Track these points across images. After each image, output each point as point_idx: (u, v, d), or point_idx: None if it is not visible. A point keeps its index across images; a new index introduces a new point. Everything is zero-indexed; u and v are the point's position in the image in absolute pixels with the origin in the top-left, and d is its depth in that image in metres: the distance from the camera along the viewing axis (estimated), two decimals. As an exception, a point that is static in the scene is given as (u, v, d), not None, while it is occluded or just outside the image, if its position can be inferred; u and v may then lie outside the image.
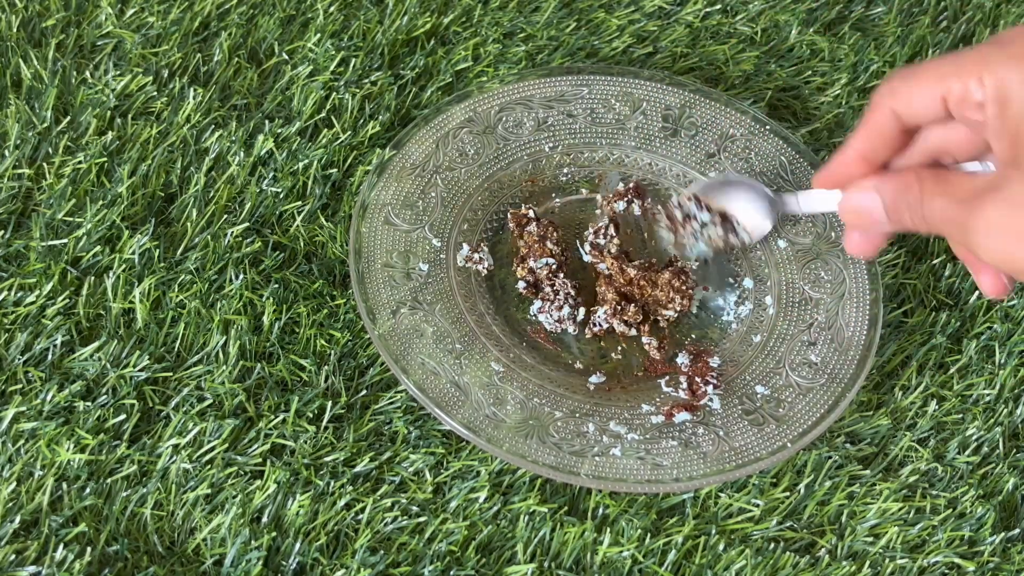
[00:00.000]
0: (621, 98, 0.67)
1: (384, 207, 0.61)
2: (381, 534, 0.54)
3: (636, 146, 0.66)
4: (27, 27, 0.69)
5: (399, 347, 0.57)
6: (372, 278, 0.59)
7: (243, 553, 0.52)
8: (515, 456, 0.54)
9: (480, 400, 0.56)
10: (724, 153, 0.66)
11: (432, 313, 0.58)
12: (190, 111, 0.65)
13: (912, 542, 0.56)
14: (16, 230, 0.61)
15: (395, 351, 0.56)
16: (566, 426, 0.56)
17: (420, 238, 0.61)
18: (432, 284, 0.60)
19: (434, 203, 0.62)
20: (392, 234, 0.61)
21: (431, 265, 0.60)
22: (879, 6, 0.76)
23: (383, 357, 0.57)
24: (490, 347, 0.58)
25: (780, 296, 0.61)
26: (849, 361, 0.58)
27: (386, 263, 0.59)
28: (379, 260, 0.59)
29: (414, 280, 0.59)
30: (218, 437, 0.55)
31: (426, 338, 0.57)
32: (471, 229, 0.62)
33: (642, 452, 0.55)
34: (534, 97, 0.67)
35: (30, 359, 0.57)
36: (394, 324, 0.57)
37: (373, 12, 0.72)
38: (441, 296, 0.59)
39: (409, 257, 0.60)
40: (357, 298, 0.58)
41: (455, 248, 0.61)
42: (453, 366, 0.57)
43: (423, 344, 0.57)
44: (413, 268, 0.60)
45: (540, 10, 0.73)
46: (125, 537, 0.52)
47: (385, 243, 0.60)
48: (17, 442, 0.54)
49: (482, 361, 0.57)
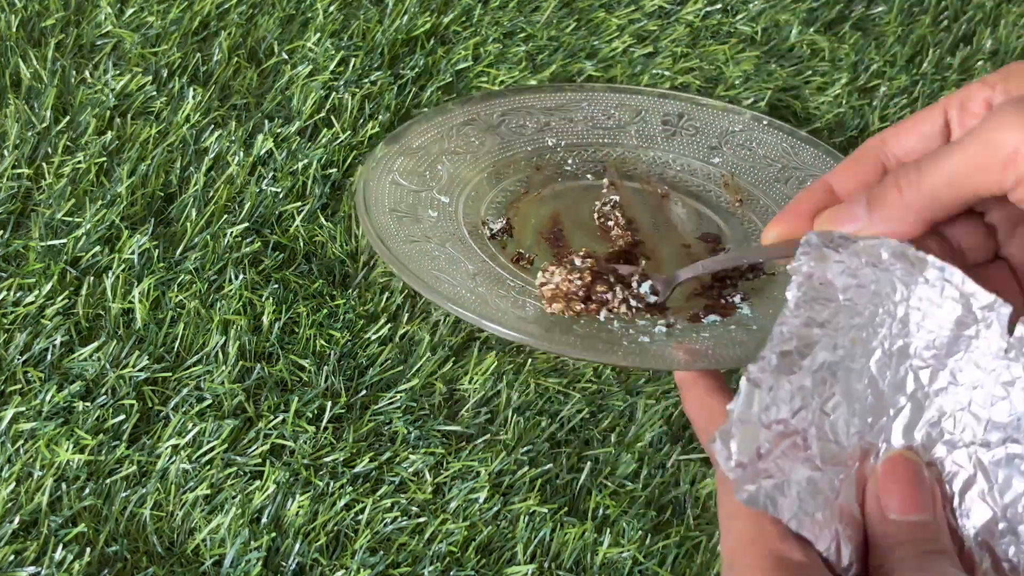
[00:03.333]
0: (620, 108, 0.67)
1: (391, 172, 0.61)
2: (381, 534, 0.54)
3: (637, 144, 0.66)
4: (26, 27, 0.69)
5: (415, 265, 0.54)
6: (380, 217, 0.57)
7: (243, 554, 0.52)
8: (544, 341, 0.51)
9: (499, 305, 0.53)
10: (726, 146, 0.66)
11: (443, 246, 0.57)
12: (189, 111, 0.65)
13: (913, 542, 0.56)
14: (15, 230, 0.61)
15: (412, 267, 0.54)
16: (590, 324, 0.53)
17: (428, 198, 0.61)
18: (441, 226, 0.59)
19: (441, 174, 0.62)
20: (399, 191, 0.60)
21: (440, 213, 0.60)
22: (880, 5, 0.76)
23: (397, 273, 0.54)
24: (505, 275, 0.57)
25: None
26: None
27: (393, 208, 0.59)
28: (386, 206, 0.59)
29: (424, 223, 0.59)
30: (217, 437, 0.55)
31: (439, 260, 0.56)
32: (478, 198, 0.62)
33: (672, 343, 0.52)
34: (535, 107, 0.67)
35: (29, 359, 0.57)
36: (407, 251, 0.55)
37: (373, 12, 0.71)
38: (451, 236, 0.58)
39: (417, 208, 0.60)
40: (366, 227, 0.56)
41: (464, 209, 0.61)
42: (469, 282, 0.55)
43: (437, 263, 0.55)
44: (422, 215, 0.59)
45: (540, 10, 0.73)
46: (124, 537, 0.52)
47: (393, 196, 0.59)
48: (16, 442, 0.54)
49: (498, 279, 0.56)
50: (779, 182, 0.64)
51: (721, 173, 0.65)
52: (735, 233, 0.62)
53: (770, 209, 0.63)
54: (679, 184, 0.65)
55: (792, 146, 0.65)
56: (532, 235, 0.61)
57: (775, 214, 0.61)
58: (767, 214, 0.63)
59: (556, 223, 0.62)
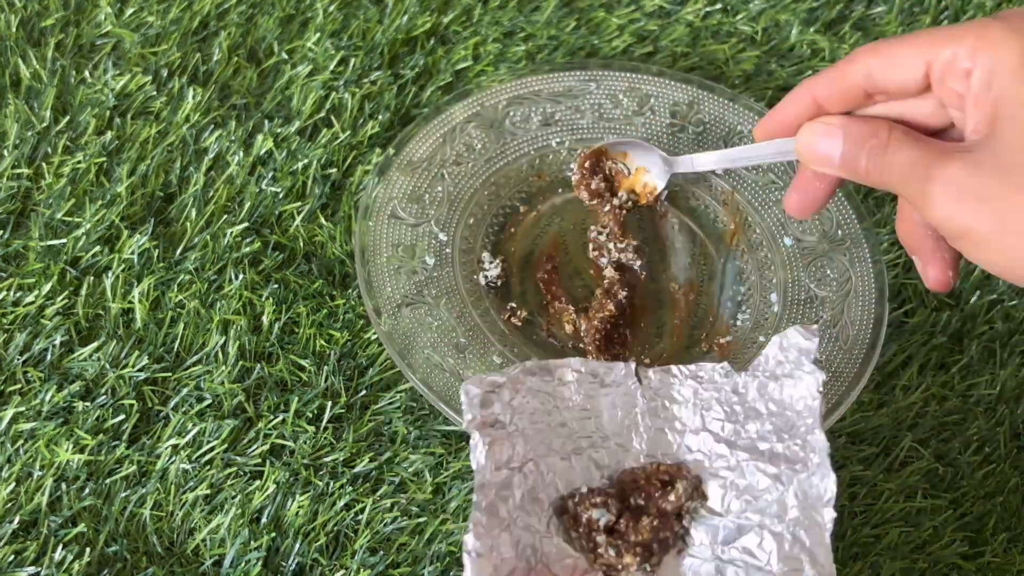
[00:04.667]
0: (629, 93, 0.67)
1: (391, 201, 0.61)
2: (381, 535, 0.54)
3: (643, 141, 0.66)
4: (26, 26, 0.68)
5: (403, 342, 0.56)
6: (377, 273, 0.59)
7: (242, 554, 0.52)
8: None
9: None
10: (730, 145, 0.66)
11: (437, 307, 0.58)
12: (189, 111, 0.65)
13: (914, 543, 0.56)
14: (15, 230, 0.61)
15: (400, 346, 0.56)
16: None
17: (426, 232, 0.61)
18: (437, 279, 0.59)
19: (441, 197, 0.62)
20: (398, 228, 0.61)
21: (437, 259, 0.60)
22: (880, 5, 0.76)
23: (388, 352, 0.56)
24: (493, 341, 0.58)
25: (785, 294, 0.61)
26: (853, 359, 0.58)
27: (391, 256, 0.59)
28: (384, 254, 0.59)
29: (419, 275, 0.59)
30: (217, 437, 0.55)
31: (431, 332, 0.57)
32: (477, 224, 0.62)
33: None
34: (542, 92, 0.67)
35: (29, 359, 0.57)
36: (398, 320, 0.57)
37: (373, 11, 0.71)
38: (446, 291, 0.59)
39: (415, 251, 0.60)
40: (363, 294, 0.57)
41: (460, 244, 0.61)
42: (457, 360, 0.56)
43: (428, 338, 0.57)
44: (418, 263, 0.60)
45: (540, 9, 0.73)
46: (124, 538, 0.52)
47: (391, 237, 0.60)
48: (16, 442, 0.54)
49: (484, 356, 0.57)
50: (777, 205, 0.63)
51: (723, 187, 0.64)
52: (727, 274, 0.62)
53: (764, 242, 0.63)
54: (679, 197, 0.65)
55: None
56: (527, 276, 0.62)
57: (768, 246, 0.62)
58: (760, 247, 0.63)
59: (552, 258, 0.63)
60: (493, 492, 0.47)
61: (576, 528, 0.49)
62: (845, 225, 0.62)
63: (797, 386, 0.50)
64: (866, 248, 0.61)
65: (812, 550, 0.47)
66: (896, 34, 0.75)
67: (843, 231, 0.62)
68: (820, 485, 0.47)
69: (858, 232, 0.62)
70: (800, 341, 0.50)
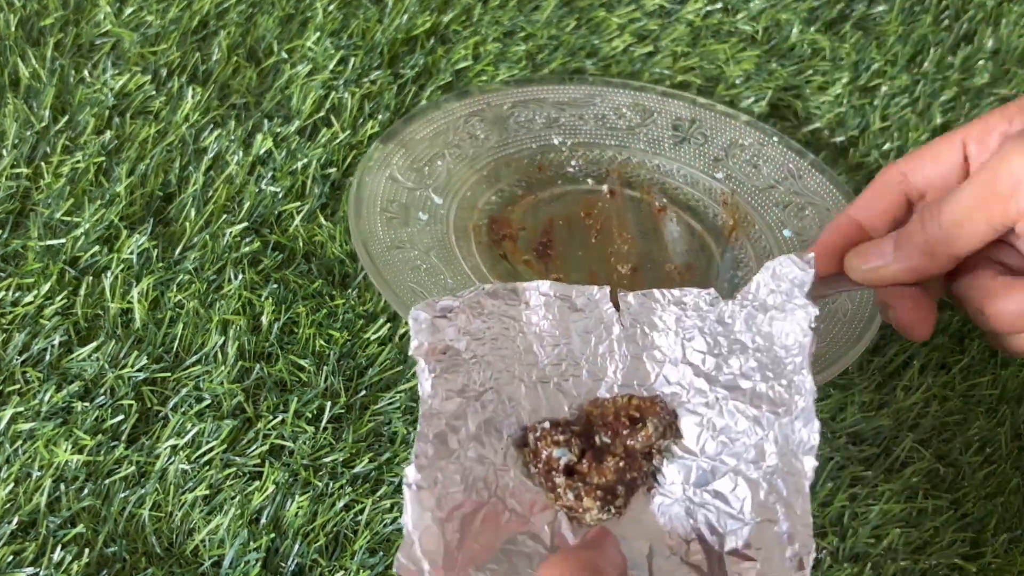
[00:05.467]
0: (633, 108, 0.67)
1: (390, 167, 0.61)
2: (380, 535, 0.54)
3: (644, 149, 0.66)
4: (25, 26, 0.68)
5: (392, 275, 0.56)
6: (369, 217, 0.58)
7: (242, 554, 0.52)
8: None
9: None
10: (732, 160, 0.65)
11: (426, 255, 0.58)
12: (189, 110, 0.65)
13: (914, 543, 0.55)
14: (14, 230, 0.61)
15: (389, 278, 0.55)
16: None
17: (423, 197, 0.61)
18: (429, 231, 0.59)
19: (440, 171, 0.62)
20: (394, 188, 0.60)
21: (430, 216, 0.60)
22: (880, 5, 0.76)
23: (376, 284, 0.55)
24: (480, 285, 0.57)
25: None
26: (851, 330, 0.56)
27: (384, 208, 0.59)
28: (377, 205, 0.59)
29: (412, 226, 0.59)
30: (216, 438, 0.55)
31: (419, 273, 0.57)
32: (474, 196, 0.62)
33: None
34: (546, 100, 0.67)
35: (28, 359, 0.56)
36: (388, 257, 0.57)
37: (372, 11, 0.71)
38: (436, 243, 0.59)
39: (409, 209, 0.60)
40: (353, 234, 0.57)
41: (456, 209, 0.61)
42: None
43: (416, 278, 0.56)
44: (412, 217, 0.60)
45: (540, 9, 0.73)
46: (123, 538, 0.52)
47: (387, 194, 0.60)
48: (15, 443, 0.54)
49: None
50: (778, 206, 0.63)
51: (722, 190, 0.64)
52: (724, 260, 0.62)
53: (764, 235, 0.63)
54: (678, 197, 0.65)
55: (798, 168, 0.65)
56: (523, 247, 0.62)
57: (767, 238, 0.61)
58: (760, 239, 0.62)
59: (548, 233, 0.62)
60: (443, 422, 0.44)
61: (536, 463, 0.45)
62: None
63: (788, 320, 0.46)
64: None
65: (789, 500, 0.43)
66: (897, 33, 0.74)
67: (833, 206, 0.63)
68: (803, 431, 0.43)
69: None
70: (794, 271, 0.46)
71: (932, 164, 0.46)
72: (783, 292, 0.46)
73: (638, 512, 0.45)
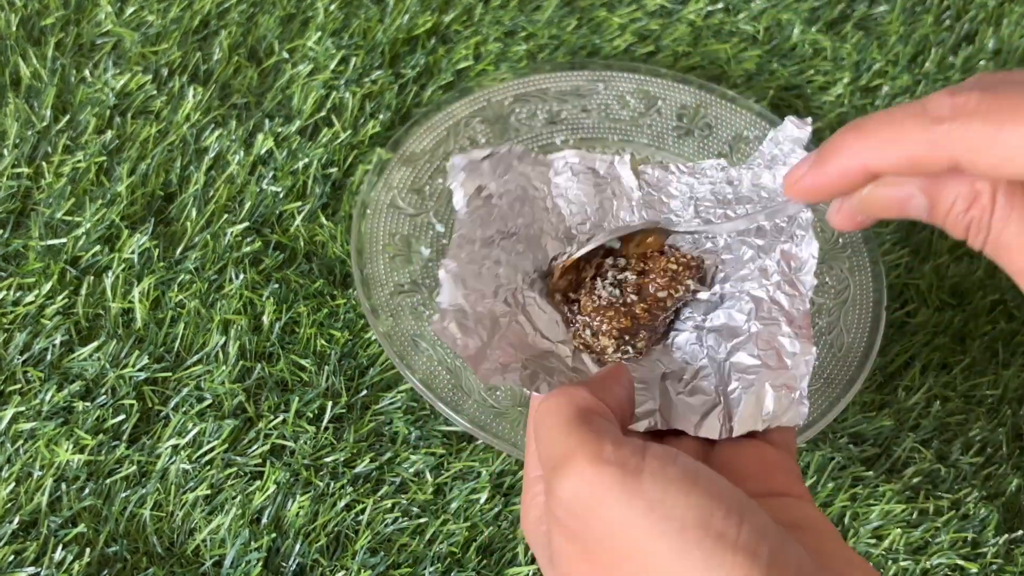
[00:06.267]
0: (636, 95, 0.67)
1: (390, 191, 0.61)
2: (381, 535, 0.54)
3: (648, 143, 0.66)
4: (26, 25, 0.68)
5: (402, 344, 0.56)
6: (373, 266, 0.58)
7: (243, 554, 0.52)
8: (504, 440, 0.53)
9: (471, 386, 0.55)
10: (736, 155, 0.65)
11: (431, 297, 0.58)
12: (190, 110, 0.65)
13: (915, 544, 0.55)
14: (15, 229, 0.61)
15: (399, 347, 0.56)
16: None
17: (424, 223, 0.61)
18: (432, 269, 0.59)
19: (441, 189, 0.62)
20: (397, 218, 0.60)
21: (432, 250, 0.60)
22: (882, 5, 0.76)
23: (387, 353, 0.56)
24: None
25: None
26: (847, 367, 0.58)
27: (387, 243, 0.59)
28: (380, 242, 0.59)
29: (415, 264, 0.59)
30: (218, 437, 0.55)
31: (423, 321, 0.57)
32: None
33: None
34: (549, 91, 0.66)
35: (29, 359, 0.56)
36: (394, 305, 0.57)
37: (374, 10, 0.71)
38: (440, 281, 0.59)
39: (411, 242, 0.60)
40: (360, 295, 0.57)
41: None
42: (447, 350, 0.56)
43: (420, 327, 0.56)
44: (415, 252, 0.59)
45: (541, 9, 0.73)
46: (124, 538, 0.52)
47: (388, 227, 0.60)
48: (16, 442, 0.54)
49: None
50: None
51: None
52: None
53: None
54: None
55: None
56: None
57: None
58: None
59: None
60: (476, 244, 0.47)
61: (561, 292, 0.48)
62: (846, 233, 0.62)
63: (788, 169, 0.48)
64: (866, 256, 0.61)
65: (790, 311, 0.46)
66: (898, 33, 0.74)
67: (844, 239, 0.62)
68: (803, 253, 0.47)
69: (858, 240, 0.61)
70: (794, 131, 0.51)
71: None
72: (785, 152, 0.51)
73: (656, 351, 0.48)
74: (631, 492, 0.35)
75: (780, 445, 0.42)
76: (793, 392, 0.43)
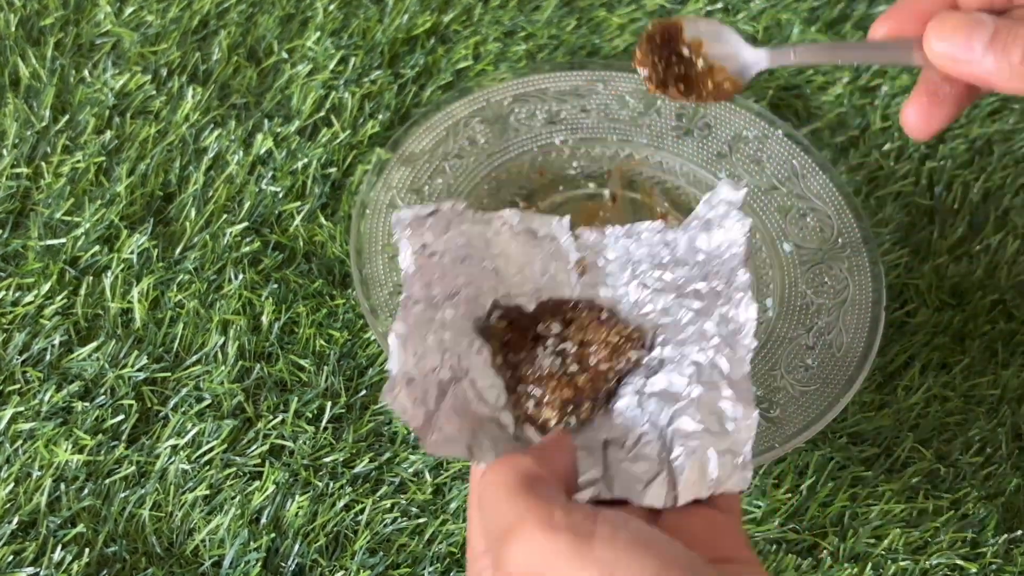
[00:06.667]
0: (636, 95, 0.67)
1: (389, 191, 0.61)
2: (381, 535, 0.54)
3: (647, 143, 0.66)
4: (25, 25, 0.68)
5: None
6: (372, 267, 0.58)
7: (242, 554, 0.52)
8: None
9: None
10: (736, 155, 0.65)
11: None
12: (189, 110, 0.65)
13: (915, 544, 0.55)
14: (14, 229, 0.61)
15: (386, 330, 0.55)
16: None
17: None
18: None
19: (440, 189, 0.62)
20: None
21: None
22: (881, 4, 0.76)
23: (386, 352, 0.56)
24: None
25: (782, 299, 0.61)
26: (845, 367, 0.58)
27: (386, 245, 0.59)
28: (380, 242, 0.59)
29: None
30: (217, 438, 0.55)
31: None
32: None
33: None
34: (548, 90, 0.66)
35: (28, 359, 0.56)
36: (393, 306, 0.56)
37: (373, 10, 0.71)
38: None
39: None
40: (359, 295, 0.57)
41: None
42: None
43: None
44: None
45: (541, 9, 0.73)
46: (123, 538, 0.52)
47: (388, 226, 0.60)
48: (15, 442, 0.54)
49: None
50: (779, 212, 0.63)
51: None
52: None
53: (764, 248, 0.62)
54: (680, 199, 0.65)
55: (801, 166, 0.64)
56: None
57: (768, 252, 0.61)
58: (758, 250, 0.62)
59: None
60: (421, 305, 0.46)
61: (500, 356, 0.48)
62: (846, 233, 0.62)
63: (727, 234, 0.50)
64: (865, 257, 0.61)
65: (730, 375, 0.45)
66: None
67: (843, 239, 0.62)
68: (742, 315, 0.47)
69: (858, 240, 0.61)
70: (728, 194, 0.50)
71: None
72: (720, 215, 0.50)
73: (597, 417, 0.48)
74: (583, 558, 0.34)
75: (726, 510, 0.41)
76: (736, 457, 0.42)
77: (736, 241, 0.49)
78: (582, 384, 0.47)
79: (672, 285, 0.50)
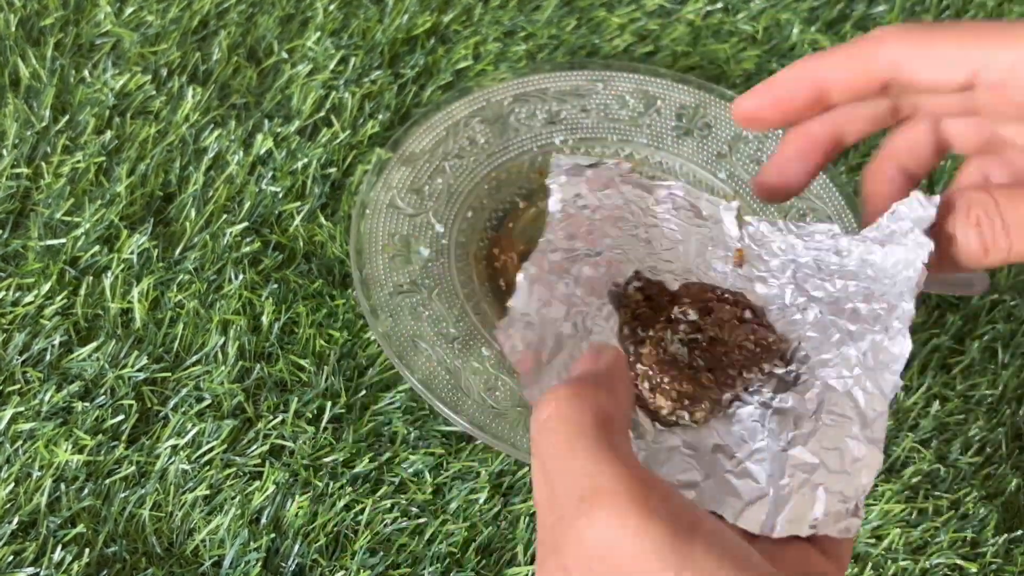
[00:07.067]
0: (636, 95, 0.67)
1: (389, 191, 0.61)
2: (381, 535, 0.54)
3: (647, 143, 0.66)
4: (25, 25, 0.68)
5: (400, 344, 0.56)
6: (372, 266, 0.58)
7: (242, 554, 0.52)
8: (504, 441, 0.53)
9: (470, 386, 0.55)
10: (736, 155, 0.65)
11: (430, 298, 0.58)
12: (189, 110, 0.65)
13: (914, 544, 0.55)
14: (14, 230, 0.61)
15: (397, 348, 0.56)
16: None
17: (423, 223, 0.61)
18: (431, 269, 0.59)
19: (440, 189, 0.62)
20: (396, 217, 0.60)
21: (432, 250, 0.60)
22: (881, 4, 0.76)
23: (386, 353, 0.56)
24: (483, 331, 0.57)
25: None
26: None
27: (386, 243, 0.59)
28: (380, 242, 0.59)
29: (414, 263, 0.59)
30: (217, 438, 0.55)
31: (422, 322, 0.57)
32: (475, 217, 0.62)
33: None
34: (548, 90, 0.66)
35: (28, 359, 0.56)
36: (393, 306, 0.57)
37: (373, 10, 0.71)
38: (439, 281, 0.59)
39: (410, 242, 0.60)
40: (359, 296, 0.57)
41: (457, 236, 0.61)
42: (446, 350, 0.56)
43: (419, 322, 0.57)
44: (414, 253, 0.59)
45: (541, 9, 0.73)
46: (123, 538, 0.52)
47: (387, 227, 0.60)
48: (15, 443, 0.54)
49: (473, 347, 0.57)
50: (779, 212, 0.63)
51: (724, 192, 0.64)
52: None
53: None
54: None
55: None
56: None
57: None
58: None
59: None
60: (560, 255, 0.44)
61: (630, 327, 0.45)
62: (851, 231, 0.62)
63: (906, 253, 0.45)
64: None
65: (864, 412, 0.42)
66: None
67: None
68: (895, 348, 0.43)
69: None
70: (917, 210, 0.45)
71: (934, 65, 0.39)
72: (903, 230, 0.45)
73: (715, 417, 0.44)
74: (682, 558, 0.29)
75: (832, 556, 0.37)
76: (849, 503, 0.39)
77: (913, 264, 0.44)
78: (705, 382, 0.44)
79: (831, 297, 0.46)
